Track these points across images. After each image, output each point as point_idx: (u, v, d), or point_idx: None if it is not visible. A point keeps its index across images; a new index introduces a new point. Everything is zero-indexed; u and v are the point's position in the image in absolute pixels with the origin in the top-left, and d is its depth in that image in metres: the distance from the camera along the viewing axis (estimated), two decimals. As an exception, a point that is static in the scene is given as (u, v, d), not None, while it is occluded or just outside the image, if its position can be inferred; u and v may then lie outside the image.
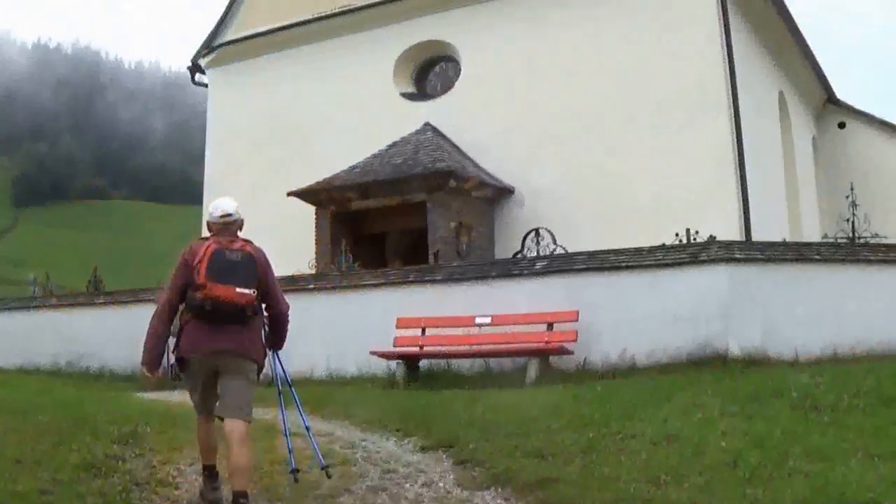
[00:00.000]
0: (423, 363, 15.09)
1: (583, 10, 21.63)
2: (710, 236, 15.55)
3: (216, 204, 7.99)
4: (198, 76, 28.21)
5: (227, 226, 7.85)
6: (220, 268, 7.47)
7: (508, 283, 15.13)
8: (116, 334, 18.87)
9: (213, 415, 7.69)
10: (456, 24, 23.21)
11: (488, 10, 22.72)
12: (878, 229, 18.35)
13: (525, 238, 18.02)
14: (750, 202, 19.57)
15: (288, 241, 21.57)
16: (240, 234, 7.93)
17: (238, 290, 7.45)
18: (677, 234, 16.30)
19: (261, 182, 24.39)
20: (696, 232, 16.32)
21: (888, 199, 27.69)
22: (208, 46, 27.30)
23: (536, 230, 17.57)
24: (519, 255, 17.30)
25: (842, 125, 31.17)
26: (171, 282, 7.67)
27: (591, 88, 21.23)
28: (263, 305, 7.88)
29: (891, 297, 13.75)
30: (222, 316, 7.45)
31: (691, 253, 14.22)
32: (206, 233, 8.21)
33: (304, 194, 22.13)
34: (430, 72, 24.64)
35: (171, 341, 7.67)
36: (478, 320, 14.66)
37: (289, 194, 22.16)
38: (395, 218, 21.51)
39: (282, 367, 8.44)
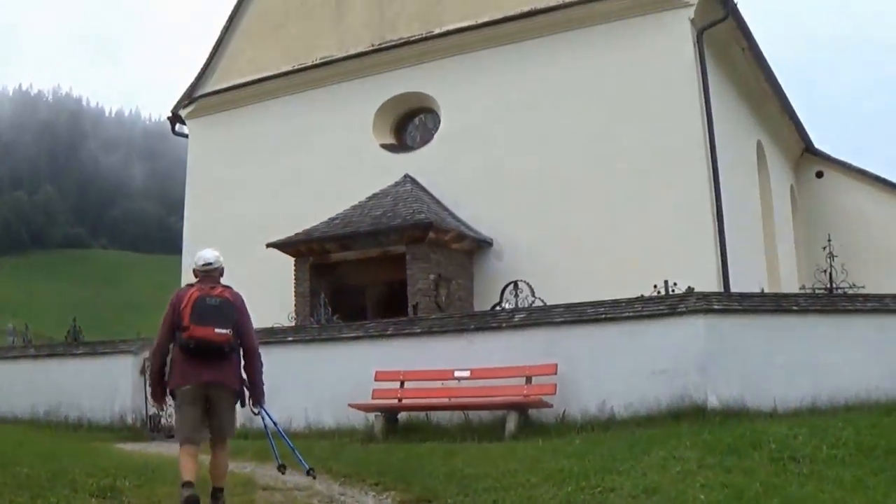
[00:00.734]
0: (402, 416, 15.06)
1: (561, 64, 21.79)
2: (689, 288, 15.56)
3: (200, 254, 9.45)
4: (178, 126, 28.17)
5: (209, 273, 9.30)
6: (202, 312, 8.84)
7: (487, 335, 15.14)
8: (95, 384, 18.91)
9: (194, 444, 8.79)
10: (435, 77, 23.35)
11: (467, 62, 22.89)
12: (855, 279, 18.39)
13: (504, 290, 18.00)
14: (728, 253, 19.67)
15: (268, 292, 21.50)
16: (221, 279, 9.39)
17: (216, 330, 8.81)
18: (656, 286, 16.32)
19: (240, 233, 24.31)
20: (675, 284, 16.35)
21: (866, 247, 27.88)
22: (189, 97, 27.34)
23: (515, 283, 17.55)
24: (498, 308, 17.28)
25: (820, 174, 31.41)
26: (162, 325, 9.07)
27: (570, 141, 21.35)
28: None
29: (868, 347, 13.83)
30: (204, 352, 8.81)
31: (669, 304, 14.27)
32: (185, 282, 9.56)
33: (284, 245, 22.11)
34: (410, 123, 24.77)
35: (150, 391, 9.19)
36: (457, 373, 14.65)
37: (268, 245, 22.15)
38: (374, 270, 21.51)
39: (270, 417, 9.69)
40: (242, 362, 9.18)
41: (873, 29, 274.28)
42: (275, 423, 9.85)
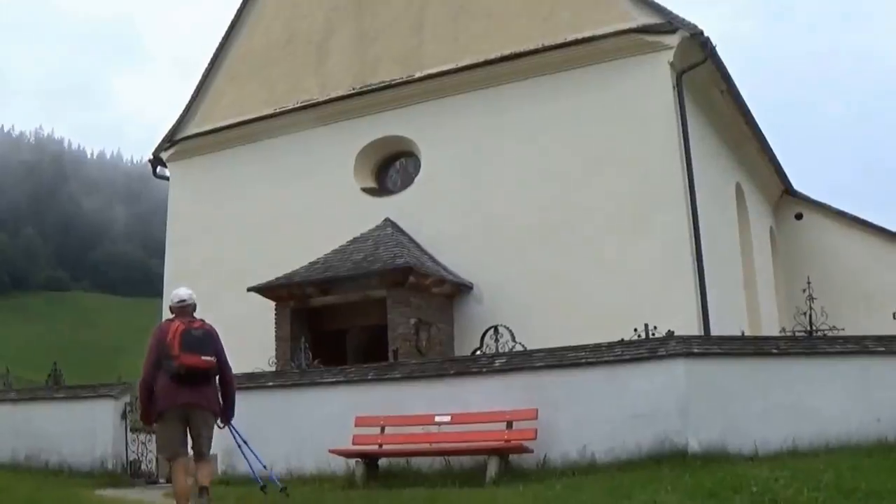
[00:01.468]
0: (383, 462, 14.95)
1: (541, 107, 21.90)
2: (669, 331, 15.58)
3: (175, 292, 11.24)
4: (159, 169, 28.14)
5: (184, 309, 10.98)
6: (189, 342, 10.46)
7: (468, 380, 15.09)
8: (76, 429, 18.77)
9: (183, 456, 10.39)
10: (416, 120, 23.44)
11: (448, 106, 23.00)
12: (836, 320, 18.38)
13: (484, 335, 17.96)
14: (708, 296, 19.73)
15: (248, 336, 21.50)
16: (194, 314, 11.03)
17: (203, 357, 10.49)
18: (636, 330, 16.31)
19: (221, 277, 24.28)
20: (655, 327, 16.35)
21: (846, 289, 27.99)
22: (170, 140, 27.34)
23: (495, 327, 17.51)
24: (478, 353, 17.26)
25: (799, 216, 31.53)
26: (149, 356, 10.59)
27: (549, 186, 21.44)
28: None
29: (848, 389, 13.82)
30: (191, 378, 10.39)
31: (650, 348, 14.25)
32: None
33: (265, 290, 22.08)
34: (391, 167, 24.80)
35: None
36: (437, 419, 14.57)
37: (249, 289, 22.11)
38: (355, 314, 21.50)
39: (237, 433, 11.53)
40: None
41: (851, 67, 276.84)
42: (244, 440, 11.66)
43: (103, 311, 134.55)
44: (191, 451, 10.62)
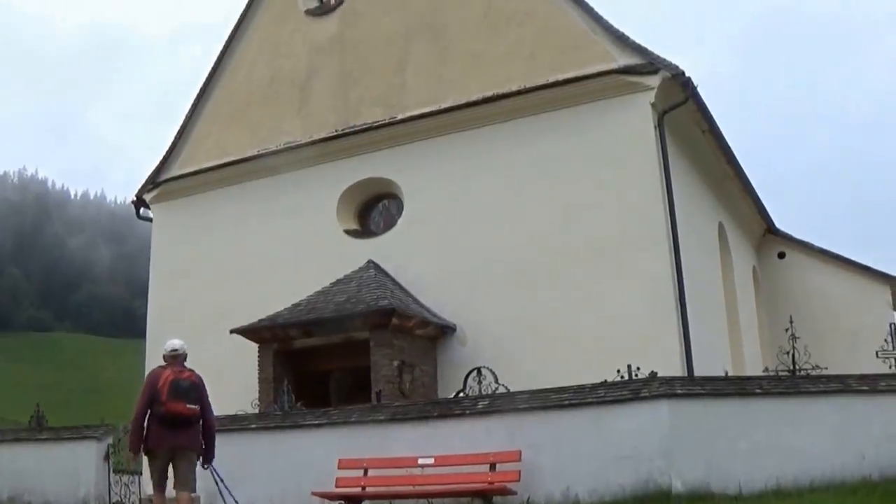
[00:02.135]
0: (366, 504, 14.93)
1: (523, 148, 21.99)
2: (652, 372, 15.58)
3: (169, 342, 12.83)
4: (143, 210, 28.12)
5: (176, 357, 12.57)
6: (177, 391, 12.01)
7: (451, 423, 15.05)
8: (59, 471, 18.71)
9: (164, 490, 12.03)
10: (398, 162, 23.50)
11: (430, 147, 23.06)
12: (819, 359, 18.41)
13: (467, 377, 17.97)
14: (691, 336, 19.75)
15: (232, 377, 21.53)
16: (185, 363, 12.58)
17: (188, 406, 12.08)
18: (619, 371, 16.34)
19: (205, 319, 24.21)
20: (638, 368, 16.36)
21: (829, 327, 28.06)
22: (153, 181, 27.33)
23: (478, 369, 17.54)
24: (461, 395, 17.25)
25: (782, 255, 31.66)
26: (141, 398, 12.14)
27: (532, 226, 21.49)
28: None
29: (831, 428, 13.82)
30: (178, 423, 12.01)
31: (633, 389, 14.25)
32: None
33: (248, 332, 22.04)
34: (374, 209, 24.81)
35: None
36: (420, 461, 14.54)
37: (232, 331, 22.06)
38: (338, 356, 21.42)
39: (217, 474, 12.77)
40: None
41: (831, 107, 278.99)
42: (221, 480, 12.78)
43: (86, 352, 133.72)
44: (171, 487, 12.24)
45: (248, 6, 26.98)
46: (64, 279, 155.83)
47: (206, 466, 12.64)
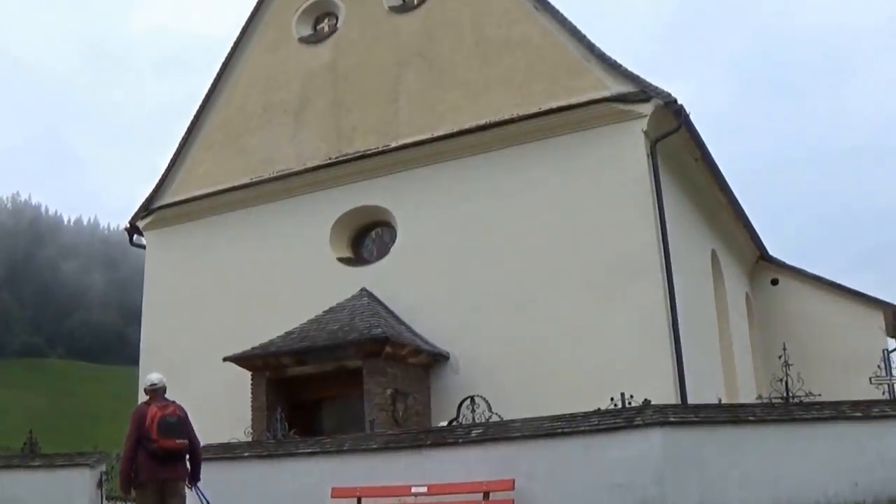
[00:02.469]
0: (359, 533, 14.88)
1: (516, 176, 22.04)
2: (645, 400, 15.58)
3: (147, 377, 13.47)
4: (136, 237, 28.09)
5: (156, 391, 13.16)
6: (166, 427, 12.59)
7: (444, 451, 15.01)
8: (52, 498, 18.62)
9: None
10: (391, 190, 23.53)
11: (424, 175, 23.11)
12: (812, 385, 18.42)
13: (461, 406, 17.97)
14: (684, 364, 19.75)
15: (225, 405, 21.58)
16: (165, 395, 13.21)
17: (178, 441, 12.69)
18: (612, 399, 16.34)
19: (198, 347, 24.24)
20: (631, 396, 16.38)
21: (822, 353, 28.16)
22: (146, 208, 27.33)
23: (472, 398, 17.53)
24: (454, 423, 17.25)
25: (775, 282, 31.75)
26: (130, 436, 12.62)
27: (525, 255, 21.52)
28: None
29: (823, 455, 13.83)
30: (168, 456, 12.60)
31: (626, 418, 14.23)
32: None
33: (241, 360, 21.99)
34: (367, 237, 24.81)
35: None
36: (414, 489, 14.50)
37: (225, 359, 22.02)
38: (331, 384, 21.38)
39: (203, 495, 13.29)
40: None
41: (824, 136, 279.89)
42: (207, 500, 13.32)
43: (79, 378, 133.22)
44: None
45: (243, 34, 27.08)
46: (57, 305, 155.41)
47: (191, 487, 13.19)
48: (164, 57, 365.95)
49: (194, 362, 23.78)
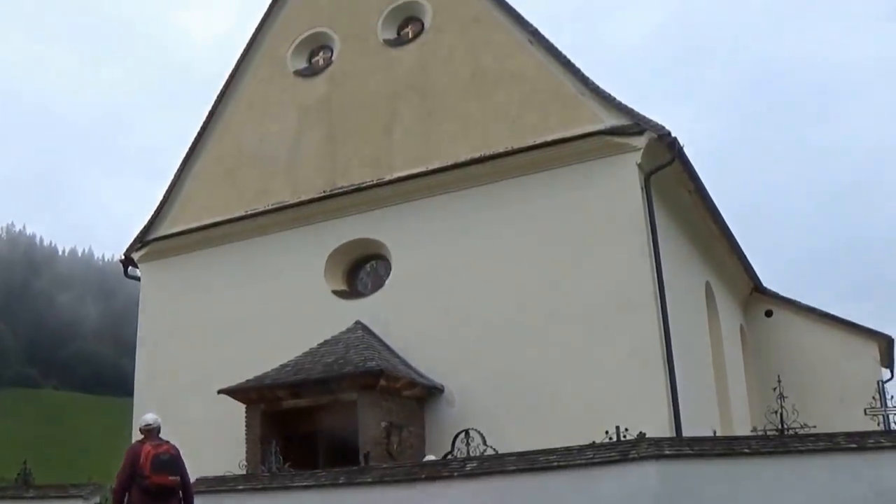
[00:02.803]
0: (353, 568, 14.86)
1: (510, 209, 22.08)
2: (640, 433, 15.55)
3: (143, 417, 14.27)
4: (131, 269, 28.08)
5: (151, 431, 13.77)
6: (159, 464, 13.20)
7: (439, 485, 14.98)
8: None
9: None
10: (386, 223, 23.55)
11: (418, 208, 23.13)
12: (807, 417, 18.41)
13: (455, 439, 17.94)
14: (679, 396, 19.75)
15: (219, 438, 21.57)
16: (160, 434, 13.88)
17: (170, 477, 13.30)
18: (607, 433, 16.32)
19: (192, 378, 24.21)
20: (626, 429, 16.33)
21: (817, 383, 28.16)
22: (141, 240, 27.31)
23: (466, 431, 17.51)
24: (449, 457, 17.22)
25: (769, 313, 31.77)
26: (124, 472, 13.27)
27: (519, 288, 21.53)
28: None
29: (819, 486, 13.80)
30: (161, 492, 13.20)
31: (621, 451, 14.23)
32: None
33: (235, 392, 21.94)
34: (361, 270, 24.78)
35: None
36: (409, 523, 14.51)
37: (220, 392, 21.98)
38: (326, 417, 21.34)
39: None
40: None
41: (817, 168, 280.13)
42: None
43: (73, 409, 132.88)
44: None
45: (238, 67, 27.14)
46: (51, 335, 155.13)
47: None
48: (161, 88, 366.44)
49: (189, 394, 23.76)
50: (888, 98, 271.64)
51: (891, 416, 19.40)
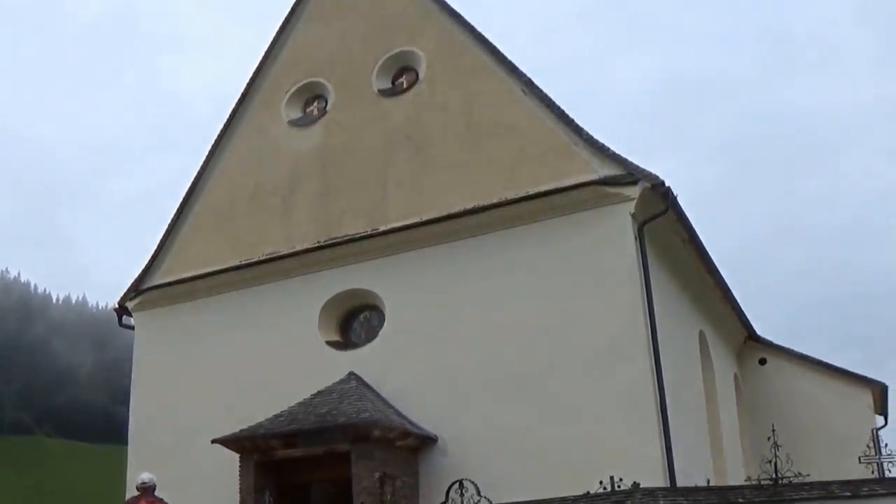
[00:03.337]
0: None
1: (504, 260, 22.10)
2: (634, 483, 15.58)
3: (139, 476, 15.77)
4: (125, 318, 28.04)
5: (146, 489, 15.08)
6: None
7: (433, 537, 15.04)
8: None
9: None
10: (379, 273, 23.55)
11: (412, 259, 23.15)
12: (802, 465, 18.43)
13: (449, 490, 17.86)
14: (673, 446, 19.70)
15: (213, 489, 21.55)
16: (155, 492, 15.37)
17: None
18: (601, 483, 16.32)
19: (186, 428, 24.16)
20: (621, 479, 16.35)
21: (811, 432, 28.22)
22: (135, 289, 27.27)
23: (461, 482, 17.45)
24: (443, 510, 17.19)
25: (763, 361, 31.79)
26: None
27: (513, 338, 21.51)
28: None
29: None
30: None
31: (616, 501, 14.32)
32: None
33: (229, 442, 21.85)
34: (355, 320, 24.71)
35: None
36: (402, 576, 14.48)
37: (213, 441, 21.91)
38: (319, 468, 21.23)
39: None
40: None
41: (810, 215, 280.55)
42: None
43: (67, 457, 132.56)
44: None
45: (232, 116, 27.21)
46: (45, 383, 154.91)
47: None
48: (155, 137, 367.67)
49: (183, 444, 23.70)
50: (881, 143, 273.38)
51: (885, 464, 19.43)
